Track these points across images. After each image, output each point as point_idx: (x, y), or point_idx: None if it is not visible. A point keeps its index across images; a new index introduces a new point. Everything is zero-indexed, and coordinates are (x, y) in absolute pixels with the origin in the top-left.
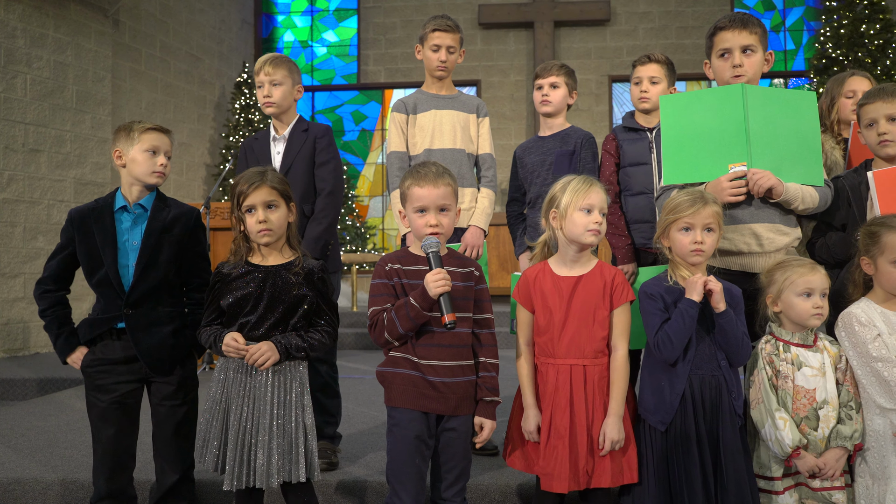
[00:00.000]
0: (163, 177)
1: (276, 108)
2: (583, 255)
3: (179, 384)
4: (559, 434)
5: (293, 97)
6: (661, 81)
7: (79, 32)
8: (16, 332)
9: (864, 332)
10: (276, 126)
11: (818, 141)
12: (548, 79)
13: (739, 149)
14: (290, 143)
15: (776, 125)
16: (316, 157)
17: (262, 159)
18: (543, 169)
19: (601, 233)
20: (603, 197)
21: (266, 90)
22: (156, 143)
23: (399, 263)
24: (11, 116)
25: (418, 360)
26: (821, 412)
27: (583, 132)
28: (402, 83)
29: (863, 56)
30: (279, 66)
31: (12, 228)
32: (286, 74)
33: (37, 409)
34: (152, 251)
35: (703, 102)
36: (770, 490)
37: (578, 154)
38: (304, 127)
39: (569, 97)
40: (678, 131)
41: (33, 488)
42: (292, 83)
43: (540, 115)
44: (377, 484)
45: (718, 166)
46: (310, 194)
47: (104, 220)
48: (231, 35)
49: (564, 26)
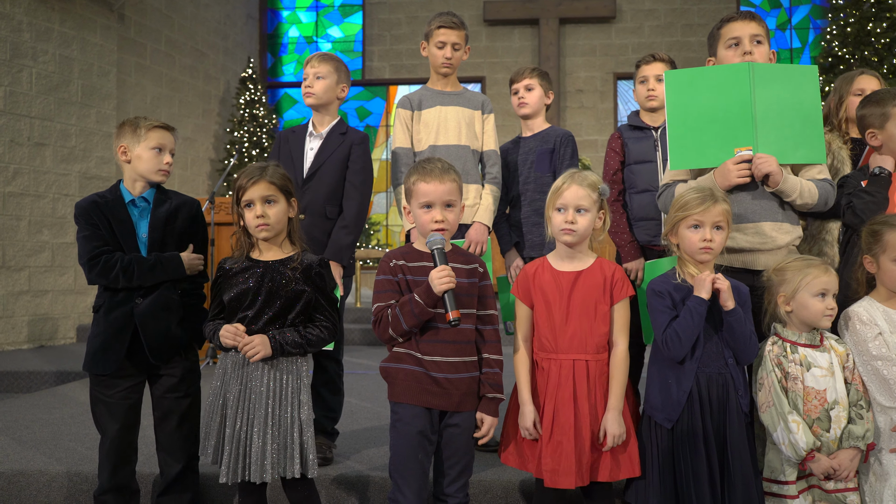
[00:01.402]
0: (167, 174)
1: (315, 100)
2: (577, 251)
3: (182, 377)
4: (563, 430)
5: (335, 95)
6: None
7: (84, 27)
8: (21, 325)
9: (864, 331)
10: (315, 122)
11: (820, 117)
12: (522, 82)
13: (745, 132)
14: (326, 143)
15: (781, 104)
16: (350, 163)
17: (295, 153)
18: (525, 167)
19: (577, 231)
20: (582, 193)
21: (309, 81)
22: (162, 141)
23: (403, 260)
24: (17, 110)
25: (422, 356)
26: (832, 413)
27: (562, 131)
28: (407, 79)
29: (869, 55)
30: (326, 61)
31: (17, 222)
32: (331, 70)
33: (42, 402)
34: (160, 243)
35: (709, 80)
36: (783, 494)
37: (558, 151)
38: (343, 130)
39: (545, 97)
40: (683, 110)
41: (38, 480)
42: (336, 80)
43: (519, 117)
44: (379, 479)
45: (725, 151)
46: (336, 196)
47: (119, 213)
48: (236, 30)
49: (569, 23)
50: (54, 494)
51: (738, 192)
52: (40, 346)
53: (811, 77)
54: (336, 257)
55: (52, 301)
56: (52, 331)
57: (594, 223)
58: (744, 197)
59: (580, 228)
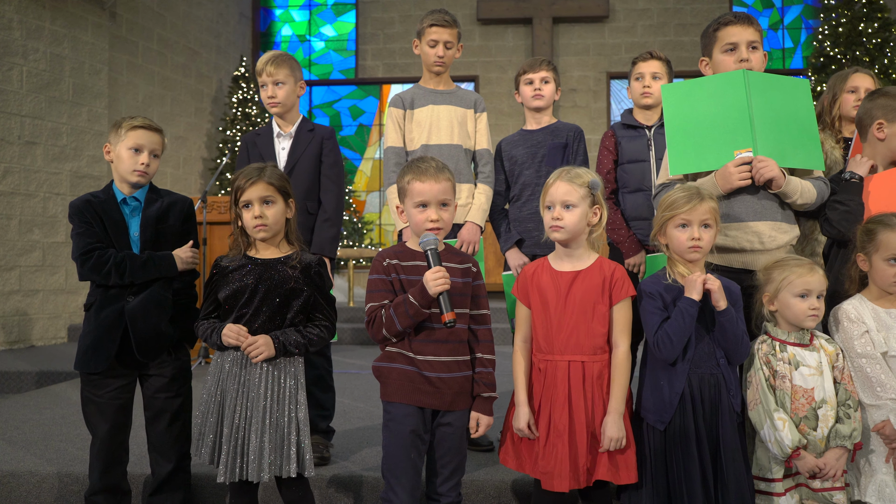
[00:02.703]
0: (144, 176)
1: (281, 108)
2: (576, 249)
3: (173, 377)
4: (558, 432)
5: (296, 95)
6: (662, 77)
7: (75, 25)
8: (11, 325)
9: (851, 329)
10: (279, 123)
11: (815, 127)
12: (539, 73)
13: (744, 135)
14: (297, 141)
15: (777, 111)
16: (324, 158)
17: (265, 155)
18: (535, 161)
19: (565, 228)
20: (568, 189)
21: (270, 90)
22: (140, 141)
23: (397, 259)
24: (7, 108)
25: (414, 356)
26: (819, 412)
27: (573, 125)
28: (400, 78)
29: (861, 54)
30: (281, 66)
31: (8, 221)
32: (288, 73)
33: (32, 402)
34: (151, 242)
35: (705, 90)
36: (770, 492)
37: (571, 146)
38: (310, 127)
39: (555, 93)
40: (681, 120)
41: (28, 481)
42: (294, 81)
43: (529, 109)
44: (372, 479)
45: (724, 153)
46: (313, 192)
47: (112, 212)
48: (229, 29)
49: (563, 22)
50: (45, 495)
51: (738, 192)
52: (31, 346)
53: (804, 90)
54: (323, 251)
55: (42, 301)
56: (42, 331)
57: (587, 219)
58: (743, 197)
59: (568, 224)
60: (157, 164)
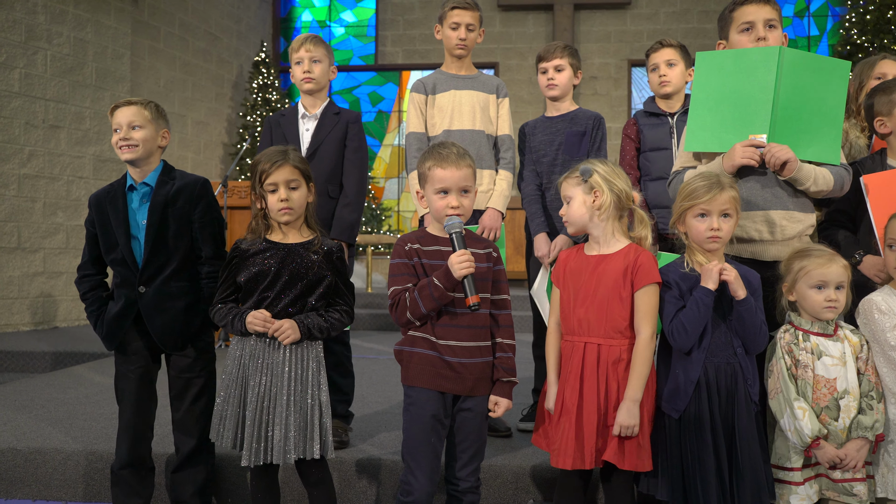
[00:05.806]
0: (129, 149)
1: (315, 85)
2: (600, 236)
3: (196, 357)
4: (566, 410)
5: (328, 77)
6: (678, 63)
7: (98, 9)
8: (36, 306)
9: (883, 321)
10: (305, 104)
11: (840, 117)
12: (552, 62)
13: (762, 119)
14: (322, 123)
15: (804, 96)
16: (348, 142)
17: (289, 135)
18: (552, 149)
19: (569, 221)
20: (564, 185)
21: (306, 66)
22: (118, 120)
23: (419, 244)
24: (32, 92)
25: (436, 340)
26: (841, 402)
27: (592, 113)
28: (420, 65)
29: (889, 42)
30: (319, 45)
31: (32, 204)
32: (325, 53)
33: (57, 382)
34: (158, 229)
35: (738, 64)
36: (788, 481)
37: (590, 134)
38: (336, 110)
39: (574, 78)
40: (708, 93)
41: (54, 458)
42: (329, 62)
43: (546, 98)
44: (390, 462)
45: (739, 136)
46: (335, 176)
47: (117, 202)
48: (249, 14)
49: (584, 9)
50: (70, 472)
51: (747, 179)
52: (54, 328)
53: (842, 73)
54: (343, 236)
55: (66, 283)
56: (66, 312)
57: (587, 205)
58: (753, 184)
59: (571, 217)
60: (145, 133)
